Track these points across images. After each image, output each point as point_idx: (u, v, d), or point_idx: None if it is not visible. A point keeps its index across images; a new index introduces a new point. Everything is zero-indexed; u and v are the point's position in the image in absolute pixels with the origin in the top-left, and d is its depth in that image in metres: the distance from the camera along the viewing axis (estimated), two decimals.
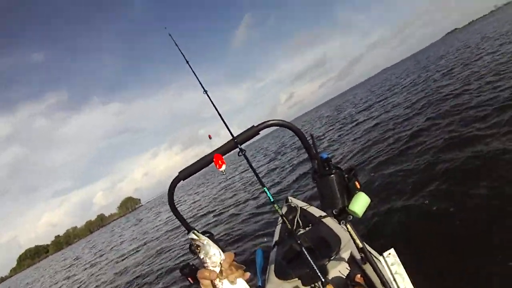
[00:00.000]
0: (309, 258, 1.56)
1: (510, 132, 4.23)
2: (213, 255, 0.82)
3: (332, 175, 1.29)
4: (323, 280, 1.55)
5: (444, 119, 6.31)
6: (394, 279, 1.59)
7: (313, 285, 1.85)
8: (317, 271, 1.54)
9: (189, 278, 1.45)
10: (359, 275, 1.65)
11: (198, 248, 0.83)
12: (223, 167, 1.46)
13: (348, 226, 1.40)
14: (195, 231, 0.89)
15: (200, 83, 2.09)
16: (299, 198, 4.54)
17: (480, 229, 2.77)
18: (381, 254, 1.39)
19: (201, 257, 0.82)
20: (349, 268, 1.78)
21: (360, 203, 1.27)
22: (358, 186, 1.32)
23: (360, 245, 1.46)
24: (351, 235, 1.46)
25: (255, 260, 2.42)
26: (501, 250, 2.44)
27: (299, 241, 2.00)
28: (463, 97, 7.28)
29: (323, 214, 2.74)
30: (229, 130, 1.70)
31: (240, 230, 6.43)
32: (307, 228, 2.60)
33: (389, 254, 1.37)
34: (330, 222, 2.52)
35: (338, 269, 1.70)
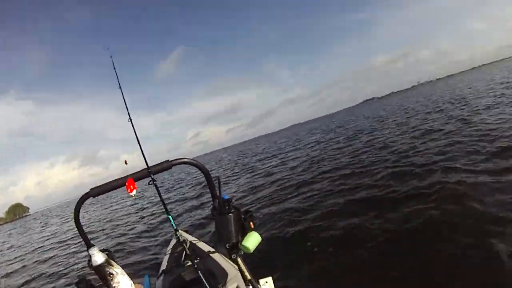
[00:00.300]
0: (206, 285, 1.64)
1: (385, 186, 5.27)
2: (125, 286, 0.87)
3: (231, 214, 1.47)
4: None
5: (335, 173, 7.29)
6: None
7: None
8: None
9: None
10: None
11: (111, 276, 0.86)
12: (134, 192, 1.54)
13: (239, 259, 1.55)
14: (103, 253, 0.92)
15: (128, 111, 2.09)
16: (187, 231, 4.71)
17: (355, 262, 3.27)
18: (257, 282, 1.53)
19: (113, 285, 0.85)
20: None
21: (252, 240, 1.46)
22: (252, 226, 1.51)
23: (249, 277, 1.60)
24: (240, 268, 1.60)
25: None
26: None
27: (187, 272, 2.06)
28: (359, 158, 8.46)
29: (212, 249, 2.86)
30: (145, 160, 1.77)
31: (128, 253, 6.18)
32: (195, 261, 2.68)
33: (266, 282, 1.50)
34: (218, 257, 2.64)
35: None
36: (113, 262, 0.89)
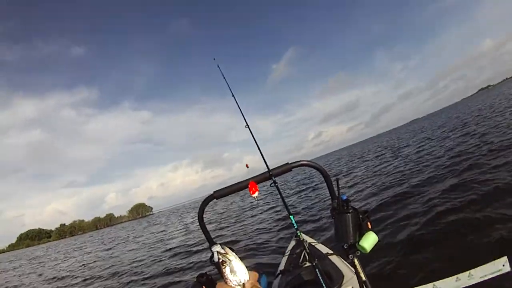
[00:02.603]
0: (324, 286, 1.66)
1: None
2: (238, 273, 0.82)
3: (349, 214, 1.50)
4: None
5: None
6: None
7: None
8: None
9: (203, 287, 1.53)
10: None
11: (224, 264, 0.82)
12: (256, 194, 1.67)
13: (356, 260, 1.57)
14: (221, 246, 0.88)
15: (244, 117, 2.20)
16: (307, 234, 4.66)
17: None
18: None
19: (226, 273, 0.81)
20: None
21: (369, 241, 1.46)
22: (370, 227, 1.51)
23: (364, 278, 1.61)
24: (356, 268, 1.61)
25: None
26: None
27: (305, 272, 2.12)
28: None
29: (330, 251, 2.86)
30: (265, 163, 1.88)
31: (246, 251, 6.44)
32: (313, 263, 2.71)
33: None
34: (336, 259, 2.63)
35: None
36: (227, 249, 0.85)
